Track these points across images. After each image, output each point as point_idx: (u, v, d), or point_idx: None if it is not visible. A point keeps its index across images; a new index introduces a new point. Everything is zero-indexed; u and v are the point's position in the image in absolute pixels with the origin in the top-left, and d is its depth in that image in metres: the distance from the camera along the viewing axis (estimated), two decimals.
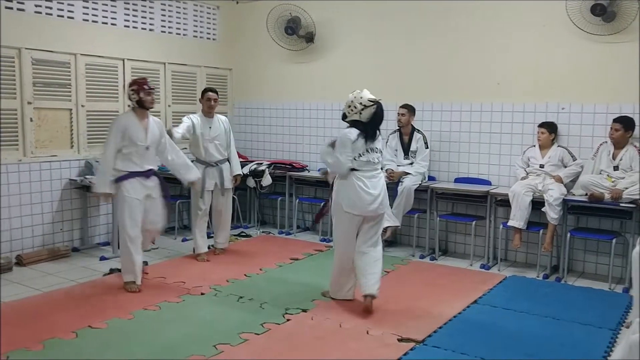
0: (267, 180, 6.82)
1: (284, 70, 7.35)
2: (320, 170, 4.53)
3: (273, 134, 7.56)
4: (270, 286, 4.87)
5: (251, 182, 6.95)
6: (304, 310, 4.27)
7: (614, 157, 5.12)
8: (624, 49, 5.18)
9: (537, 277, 5.34)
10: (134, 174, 4.67)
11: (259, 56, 7.51)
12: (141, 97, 4.68)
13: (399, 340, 3.77)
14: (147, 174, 4.76)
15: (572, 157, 5.40)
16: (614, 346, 3.70)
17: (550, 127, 5.46)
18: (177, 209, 6.77)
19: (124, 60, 6.35)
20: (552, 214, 5.14)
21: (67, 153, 5.94)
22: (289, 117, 7.41)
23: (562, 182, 5.27)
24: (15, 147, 5.50)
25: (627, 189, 4.90)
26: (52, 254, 5.64)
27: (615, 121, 5.11)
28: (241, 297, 4.56)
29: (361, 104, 4.13)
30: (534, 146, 5.57)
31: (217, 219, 5.86)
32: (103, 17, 6.15)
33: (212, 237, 6.04)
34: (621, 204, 4.88)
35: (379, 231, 4.36)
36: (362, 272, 4.26)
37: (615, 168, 5.10)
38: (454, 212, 6.15)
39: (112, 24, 6.25)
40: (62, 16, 5.79)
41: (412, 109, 6.08)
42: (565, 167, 5.40)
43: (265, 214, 7.61)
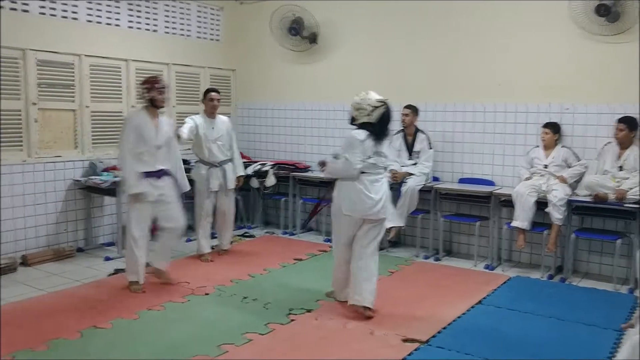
0: (270, 180, 6.84)
1: (287, 71, 7.35)
2: (319, 162, 4.47)
3: (276, 135, 7.57)
4: (274, 286, 4.88)
5: (255, 183, 6.96)
6: (308, 311, 4.28)
7: (619, 158, 5.11)
8: (627, 49, 5.16)
9: (542, 277, 5.33)
10: (144, 175, 4.60)
11: (263, 57, 7.52)
12: (153, 96, 4.62)
13: (403, 340, 3.77)
14: (159, 174, 4.69)
15: (576, 157, 5.39)
16: (618, 347, 3.69)
17: (554, 128, 5.45)
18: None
19: (127, 61, 6.37)
20: (556, 214, 5.13)
21: (71, 154, 5.95)
22: (292, 117, 7.41)
23: (566, 183, 5.27)
24: (20, 148, 5.52)
25: (631, 189, 4.89)
26: (56, 254, 5.66)
27: (619, 121, 5.11)
28: (245, 298, 4.57)
29: (370, 105, 4.08)
30: (538, 147, 5.56)
31: (221, 219, 5.87)
32: (107, 18, 6.17)
33: (216, 237, 6.05)
34: (625, 205, 4.87)
35: (377, 236, 4.23)
36: (356, 283, 4.17)
37: (620, 168, 5.09)
38: (457, 213, 6.14)
39: (115, 25, 6.27)
40: (66, 17, 5.81)
41: (415, 110, 6.07)
42: (569, 167, 5.39)
43: (269, 215, 7.61)
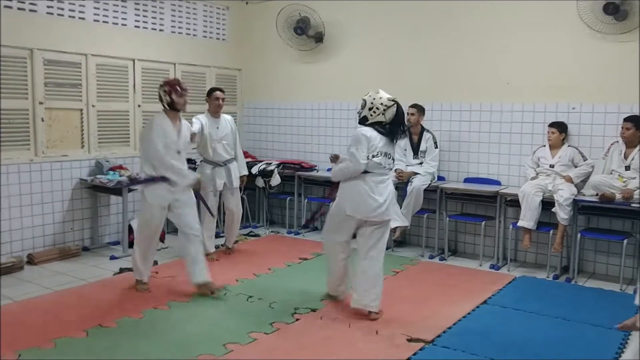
0: (276, 180, 6.84)
1: (293, 70, 7.35)
2: (331, 155, 4.37)
3: (282, 134, 7.58)
4: (279, 286, 4.88)
5: (260, 182, 6.97)
6: (313, 310, 4.28)
7: (626, 157, 5.08)
8: (635, 47, 5.13)
9: (547, 277, 5.31)
10: (160, 179, 4.47)
11: (268, 56, 7.53)
12: (173, 99, 4.48)
13: (408, 340, 3.77)
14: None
15: (582, 157, 5.36)
16: (625, 347, 3.67)
17: (561, 127, 5.43)
18: None
19: (134, 60, 6.39)
20: (562, 214, 5.11)
21: (78, 153, 5.98)
22: (298, 117, 7.42)
23: (573, 182, 5.24)
24: (27, 147, 5.54)
25: (638, 188, 4.87)
26: (62, 253, 5.69)
27: (626, 120, 5.08)
28: (250, 297, 4.57)
29: (382, 104, 4.02)
30: (544, 146, 5.54)
31: (229, 218, 5.88)
32: (114, 17, 6.19)
33: (221, 236, 6.06)
34: (632, 204, 4.84)
35: (383, 237, 4.16)
36: (361, 287, 4.15)
37: (627, 168, 5.06)
38: (463, 212, 6.13)
39: (122, 25, 6.29)
40: (74, 17, 5.83)
41: (421, 109, 6.06)
42: (576, 167, 5.37)
43: (274, 214, 7.62)
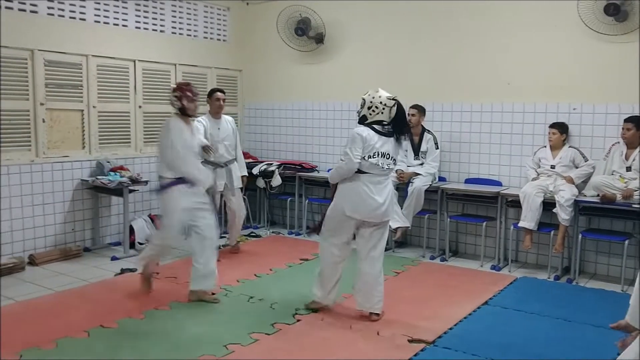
0: (276, 180, 6.84)
1: (293, 71, 7.36)
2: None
3: (283, 135, 7.58)
4: (281, 287, 4.88)
5: (261, 183, 6.97)
6: (314, 311, 4.27)
7: (627, 158, 5.08)
8: (635, 48, 5.13)
9: (548, 278, 5.31)
10: (180, 181, 4.38)
11: (269, 57, 7.53)
12: (184, 105, 4.40)
13: (409, 341, 3.77)
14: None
15: (583, 157, 5.36)
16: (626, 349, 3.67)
17: (562, 128, 5.43)
18: None
19: (135, 61, 6.39)
20: (563, 215, 5.10)
21: (79, 154, 5.98)
22: (298, 117, 7.42)
23: (574, 183, 5.24)
24: (28, 148, 5.55)
25: (639, 189, 4.86)
26: (64, 253, 5.69)
27: (626, 121, 5.07)
28: (251, 297, 4.57)
29: (382, 103, 3.96)
30: (545, 147, 5.54)
31: (231, 218, 5.90)
32: (114, 18, 6.19)
33: (223, 237, 6.07)
34: (633, 205, 4.84)
35: (382, 239, 4.12)
36: (364, 289, 4.13)
37: (628, 169, 5.05)
38: (464, 213, 6.12)
39: (123, 26, 6.29)
40: (74, 18, 5.83)
41: (422, 110, 6.06)
42: (577, 167, 5.36)
43: (275, 215, 7.62)
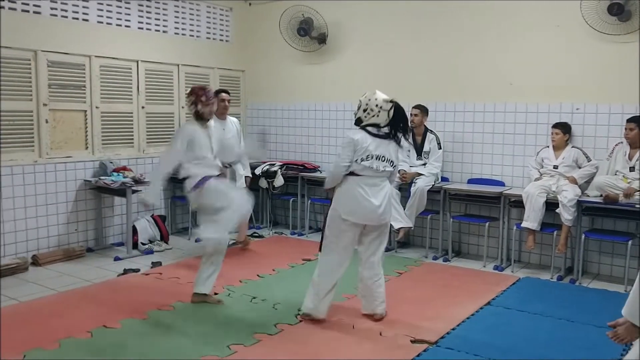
0: (279, 181, 6.84)
1: (296, 72, 7.36)
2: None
3: (285, 135, 7.58)
4: (283, 287, 4.88)
5: (263, 183, 6.97)
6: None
7: (630, 158, 5.07)
8: (638, 48, 5.11)
9: (551, 278, 5.30)
10: (209, 177, 4.38)
11: (272, 57, 7.54)
12: (198, 109, 4.38)
13: (412, 341, 3.76)
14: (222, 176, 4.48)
15: (586, 157, 5.35)
16: (629, 349, 3.66)
17: (565, 128, 5.42)
18: (190, 209, 6.81)
19: (138, 61, 6.40)
20: (566, 215, 5.10)
21: (82, 154, 5.99)
22: (301, 117, 7.42)
23: (577, 183, 5.23)
24: (31, 149, 5.56)
25: None
26: (67, 254, 5.70)
27: (629, 121, 5.06)
28: (254, 298, 4.58)
29: (377, 105, 3.90)
30: (548, 147, 5.53)
31: None
32: (117, 19, 6.21)
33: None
34: (637, 206, 4.83)
35: (383, 243, 4.11)
36: (368, 294, 4.14)
37: (631, 169, 5.04)
38: (467, 213, 6.12)
39: (126, 26, 6.30)
40: (77, 19, 5.85)
41: (424, 110, 6.06)
42: (580, 168, 5.35)
43: (278, 215, 7.62)
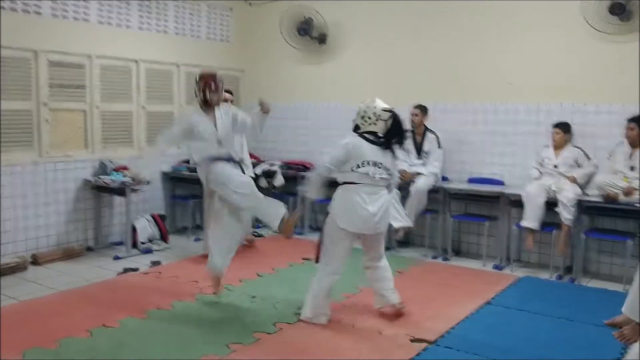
0: (279, 180, 6.83)
1: (296, 72, 7.36)
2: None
3: (285, 135, 7.57)
4: (283, 286, 4.89)
5: (263, 183, 6.94)
6: None
7: (630, 157, 5.07)
8: (639, 47, 5.11)
9: (551, 278, 5.30)
10: (216, 158, 4.38)
11: (272, 57, 7.53)
12: (206, 96, 4.38)
13: (411, 340, 3.76)
14: (228, 160, 4.46)
15: (586, 157, 5.34)
16: (628, 348, 3.66)
17: (565, 127, 5.42)
18: (189, 208, 6.82)
19: (137, 61, 6.41)
20: (566, 214, 5.09)
21: (82, 153, 5.99)
22: (301, 117, 7.41)
23: (577, 183, 5.23)
24: (31, 148, 5.56)
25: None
26: (66, 253, 5.70)
27: (630, 120, 5.06)
28: (254, 297, 4.58)
29: (375, 114, 3.93)
30: (548, 146, 5.53)
31: None
32: (117, 19, 6.21)
33: None
34: (636, 205, 4.83)
35: (381, 246, 4.18)
36: (381, 289, 4.19)
37: (632, 168, 5.04)
38: (466, 213, 6.12)
39: (126, 26, 6.30)
40: (78, 19, 5.85)
41: (424, 110, 6.06)
42: (580, 167, 5.35)
43: None
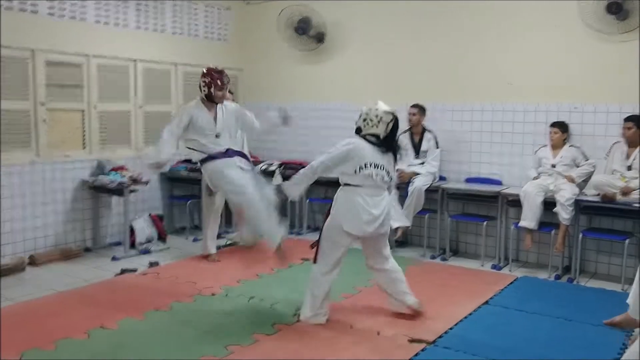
0: (277, 180, 6.82)
1: (294, 71, 7.35)
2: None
3: (284, 134, 7.55)
4: (281, 286, 4.89)
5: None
6: None
7: (628, 157, 5.08)
8: (637, 47, 5.11)
9: (549, 277, 5.31)
10: (213, 157, 4.42)
11: (270, 57, 7.52)
12: (211, 92, 4.34)
13: (409, 341, 3.76)
14: (229, 154, 4.49)
15: (584, 156, 5.35)
16: (627, 348, 3.67)
17: (563, 127, 5.42)
18: (187, 209, 6.81)
19: (135, 61, 6.39)
20: (564, 214, 5.10)
21: (80, 153, 5.98)
22: (299, 117, 7.38)
23: (574, 182, 5.23)
24: (29, 148, 5.54)
25: (639, 188, 4.85)
26: (64, 254, 5.69)
27: (626, 120, 5.07)
28: (252, 298, 4.58)
29: (377, 116, 3.94)
30: (546, 146, 5.54)
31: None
32: (115, 19, 6.19)
33: (223, 237, 6.10)
34: (634, 205, 4.83)
35: (386, 245, 4.15)
36: (395, 293, 4.16)
37: (629, 168, 5.05)
38: (464, 213, 6.12)
39: (123, 26, 6.28)
40: (75, 18, 5.83)
41: (422, 109, 6.06)
42: (578, 167, 5.36)
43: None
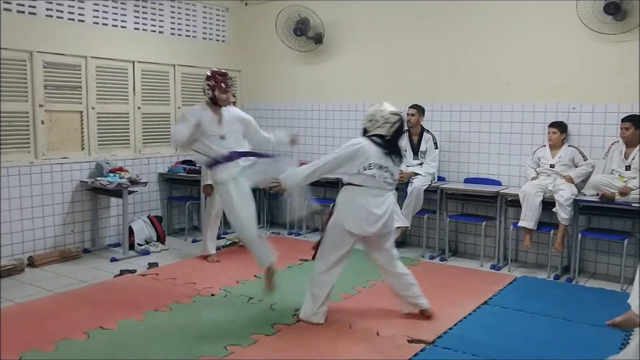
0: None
1: (293, 72, 7.35)
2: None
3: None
4: (280, 287, 4.86)
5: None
6: None
7: (626, 157, 5.08)
8: (635, 47, 5.13)
9: (548, 277, 5.31)
10: (219, 162, 4.37)
11: (268, 57, 7.53)
12: (215, 95, 4.36)
13: (409, 341, 3.77)
14: (238, 156, 4.44)
15: (583, 157, 5.36)
16: (625, 348, 3.67)
17: (561, 127, 5.43)
18: (186, 210, 6.81)
19: (134, 62, 6.39)
20: (563, 214, 5.10)
21: (78, 155, 5.98)
22: (298, 118, 7.41)
23: (573, 182, 5.24)
24: (27, 150, 5.54)
25: (638, 188, 4.86)
26: (63, 255, 5.69)
27: (624, 120, 5.07)
28: (251, 298, 4.58)
29: (382, 117, 3.95)
30: (545, 146, 5.54)
31: None
32: (113, 20, 6.19)
33: (222, 238, 6.10)
34: (633, 204, 4.84)
35: (392, 246, 4.12)
36: (409, 297, 4.15)
37: (627, 168, 5.05)
38: (463, 213, 6.13)
39: (122, 27, 6.28)
40: (73, 19, 5.83)
41: (421, 109, 6.07)
42: (576, 167, 5.36)
43: (275, 215, 7.61)
